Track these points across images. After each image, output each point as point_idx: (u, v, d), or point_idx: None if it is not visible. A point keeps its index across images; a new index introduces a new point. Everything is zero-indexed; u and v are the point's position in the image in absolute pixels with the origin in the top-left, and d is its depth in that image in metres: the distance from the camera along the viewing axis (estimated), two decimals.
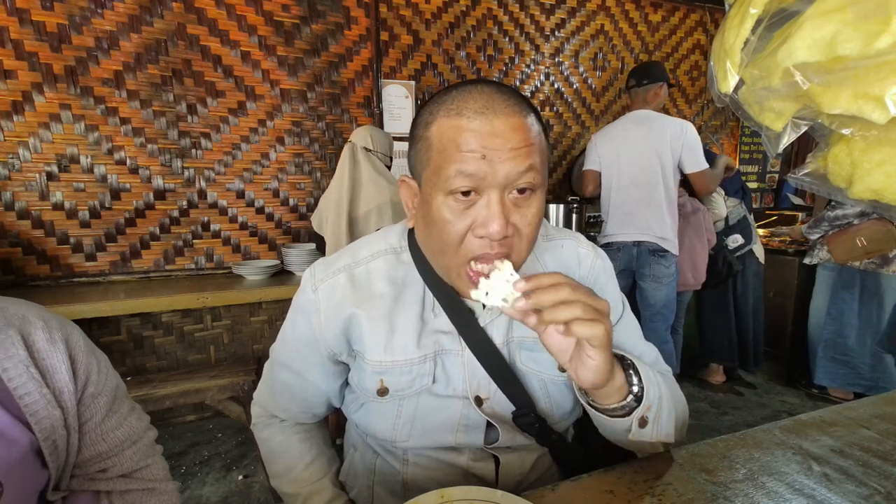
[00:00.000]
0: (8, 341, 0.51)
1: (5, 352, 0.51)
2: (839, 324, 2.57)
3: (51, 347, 0.54)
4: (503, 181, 0.55)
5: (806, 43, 0.46)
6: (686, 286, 2.69)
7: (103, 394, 0.60)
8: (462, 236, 0.58)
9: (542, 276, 0.54)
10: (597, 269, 0.76)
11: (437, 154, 0.57)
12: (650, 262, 2.37)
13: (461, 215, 0.57)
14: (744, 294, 2.87)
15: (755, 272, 2.86)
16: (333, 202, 1.88)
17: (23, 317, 0.54)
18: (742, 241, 2.75)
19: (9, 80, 2.02)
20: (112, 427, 0.61)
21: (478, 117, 0.55)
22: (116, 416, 0.62)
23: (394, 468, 0.74)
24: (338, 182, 1.89)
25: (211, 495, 1.90)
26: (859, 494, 0.61)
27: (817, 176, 0.60)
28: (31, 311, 0.55)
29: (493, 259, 0.58)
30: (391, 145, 2.06)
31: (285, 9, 2.42)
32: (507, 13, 2.94)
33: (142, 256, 2.34)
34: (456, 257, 0.60)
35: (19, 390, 0.51)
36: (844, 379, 2.58)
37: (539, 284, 0.53)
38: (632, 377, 0.62)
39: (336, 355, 0.71)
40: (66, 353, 0.55)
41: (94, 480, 0.61)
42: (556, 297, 0.52)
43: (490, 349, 0.69)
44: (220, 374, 2.03)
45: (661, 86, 2.31)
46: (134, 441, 0.63)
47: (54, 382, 0.54)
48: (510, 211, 0.57)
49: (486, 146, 0.54)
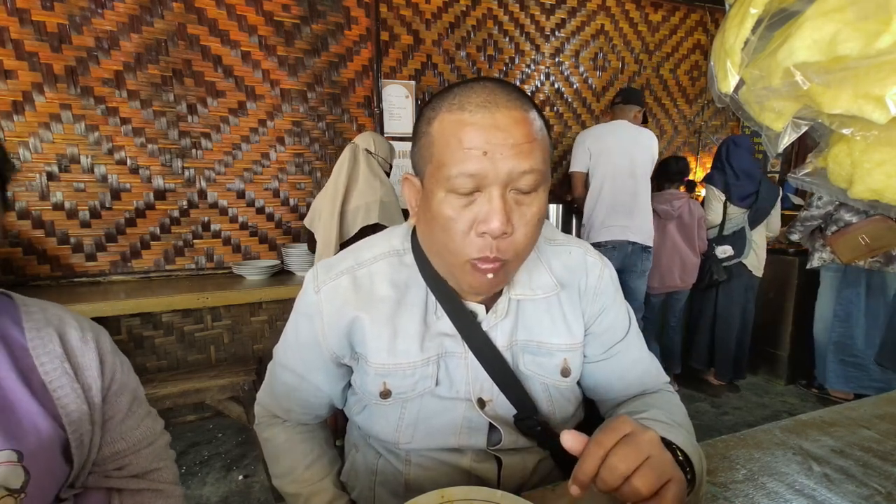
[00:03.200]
0: (47, 338, 0.56)
1: (44, 347, 0.55)
2: (847, 325, 2.55)
3: (83, 346, 0.59)
4: (505, 178, 0.55)
5: (806, 43, 0.46)
6: (674, 287, 2.71)
7: (125, 394, 0.63)
8: (464, 234, 0.57)
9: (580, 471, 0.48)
10: (605, 280, 0.75)
11: (439, 149, 0.57)
12: (641, 259, 2.46)
13: (462, 212, 0.57)
14: (727, 305, 2.81)
15: (747, 285, 2.78)
16: (329, 197, 1.90)
17: (60, 317, 0.59)
18: (731, 253, 2.70)
19: (9, 80, 2.02)
20: (131, 427, 0.63)
21: (480, 111, 0.54)
22: (135, 416, 0.64)
23: (396, 469, 0.74)
24: (334, 178, 1.91)
25: (211, 495, 1.90)
26: (859, 495, 0.61)
27: (817, 176, 0.60)
28: (66, 313, 0.61)
29: (491, 265, 0.57)
30: (392, 152, 2.08)
31: (285, 9, 2.42)
32: (507, 13, 2.93)
33: (142, 256, 2.34)
34: (457, 256, 0.59)
35: (54, 384, 0.55)
36: (857, 382, 2.55)
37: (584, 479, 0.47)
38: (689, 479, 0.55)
39: (339, 358, 0.71)
40: (96, 351, 0.60)
41: (108, 478, 0.63)
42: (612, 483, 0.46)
43: (492, 352, 0.69)
44: (220, 374, 2.03)
45: (641, 110, 2.55)
46: (150, 443, 0.66)
47: (84, 379, 0.58)
48: (511, 209, 0.57)
49: (488, 141, 0.54)
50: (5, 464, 0.48)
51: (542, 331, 0.71)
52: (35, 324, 0.56)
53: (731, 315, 2.81)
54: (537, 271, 0.72)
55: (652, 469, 0.47)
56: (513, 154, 0.54)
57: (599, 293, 0.74)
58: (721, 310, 2.83)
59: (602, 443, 0.48)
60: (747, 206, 2.67)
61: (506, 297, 0.70)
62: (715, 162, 2.79)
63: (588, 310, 0.74)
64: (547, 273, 0.72)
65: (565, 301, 0.73)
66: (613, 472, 0.46)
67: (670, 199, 2.66)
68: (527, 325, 0.71)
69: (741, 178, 2.64)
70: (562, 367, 0.72)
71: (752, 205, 2.65)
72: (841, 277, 2.56)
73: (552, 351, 0.72)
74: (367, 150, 1.95)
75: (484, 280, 0.60)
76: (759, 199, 2.64)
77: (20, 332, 0.55)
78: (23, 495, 0.49)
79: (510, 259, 0.59)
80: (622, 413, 0.70)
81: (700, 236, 2.70)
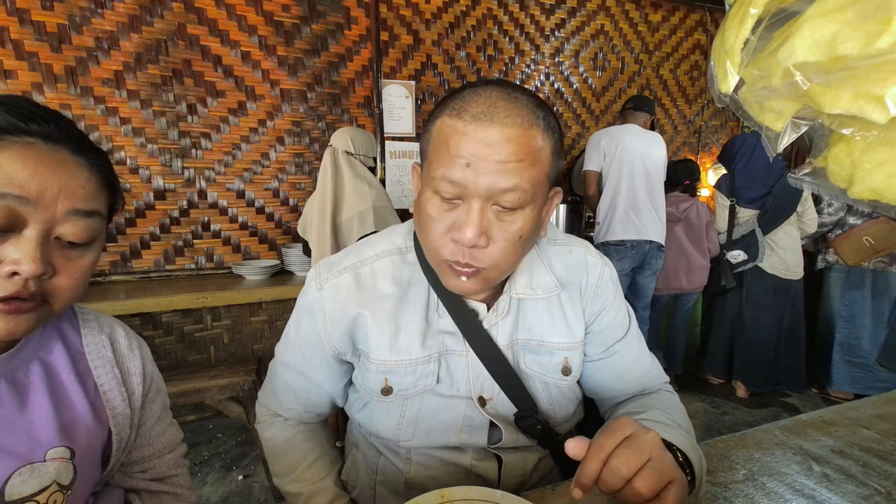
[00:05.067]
0: (100, 344, 0.60)
1: (97, 353, 0.59)
2: (851, 325, 2.54)
3: (130, 353, 0.63)
4: (485, 193, 0.55)
5: (806, 43, 0.46)
6: (679, 289, 2.69)
7: (157, 401, 0.67)
8: (441, 235, 0.58)
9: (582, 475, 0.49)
10: (605, 279, 0.75)
11: (432, 150, 0.58)
12: (655, 257, 2.48)
13: (444, 214, 0.58)
14: (754, 312, 2.62)
15: (777, 290, 2.57)
16: (317, 209, 1.87)
17: (111, 325, 0.63)
18: (744, 258, 2.59)
19: (9, 80, 2.01)
20: (159, 433, 0.67)
21: (473, 122, 0.54)
22: (162, 423, 0.68)
23: (396, 467, 0.74)
24: (321, 188, 1.87)
25: (211, 495, 1.90)
26: (859, 495, 0.61)
27: (817, 176, 0.60)
28: (116, 322, 0.65)
29: (465, 269, 0.58)
30: (373, 145, 2.01)
31: (285, 9, 2.42)
32: (507, 13, 2.93)
33: (142, 256, 2.34)
34: (434, 253, 0.61)
35: (105, 386, 0.58)
36: (863, 383, 2.53)
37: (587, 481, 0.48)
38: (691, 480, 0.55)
39: (341, 354, 0.71)
40: (140, 359, 0.64)
41: (132, 478, 0.66)
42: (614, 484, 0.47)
43: (493, 351, 0.69)
44: (220, 374, 2.03)
45: (650, 118, 2.55)
46: (171, 449, 0.69)
47: (129, 384, 0.62)
48: (490, 223, 0.56)
49: (473, 153, 0.54)
50: (60, 460, 0.51)
51: (543, 330, 0.72)
52: (90, 330, 0.60)
53: (760, 322, 2.61)
54: (538, 271, 0.72)
55: (653, 471, 0.47)
56: (496, 170, 0.54)
57: (600, 292, 0.75)
58: (747, 316, 2.65)
59: (603, 445, 0.48)
60: (757, 208, 2.56)
61: (507, 296, 0.70)
62: (724, 165, 2.74)
63: (588, 308, 0.74)
64: (548, 273, 0.73)
65: (566, 300, 0.73)
66: (615, 475, 0.46)
67: (676, 201, 2.64)
68: (527, 323, 0.72)
69: (748, 179, 2.55)
70: (562, 365, 0.73)
71: (763, 206, 2.54)
72: (845, 278, 2.55)
73: (553, 350, 0.72)
74: (347, 151, 1.88)
75: (459, 282, 0.61)
76: (775, 198, 2.50)
77: (78, 337, 0.59)
78: (69, 492, 0.51)
79: (486, 267, 0.59)
80: (622, 413, 0.70)
81: (710, 238, 2.66)
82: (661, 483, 0.47)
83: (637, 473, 0.46)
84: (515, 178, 0.54)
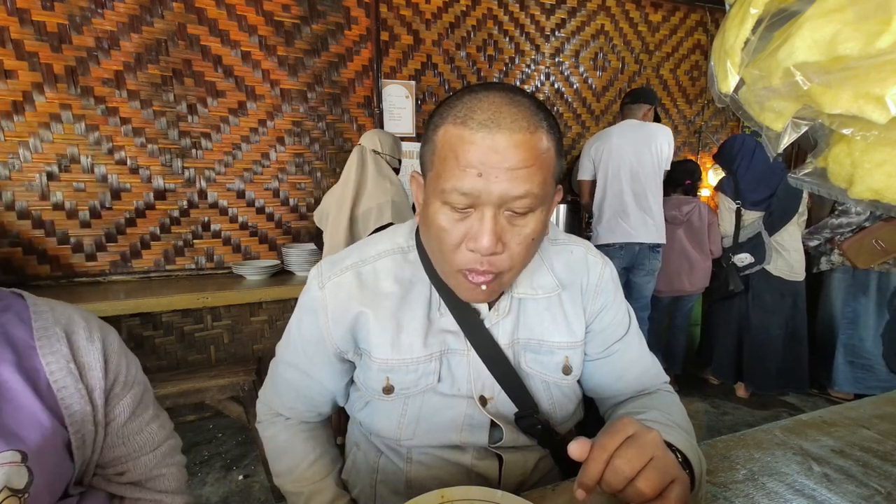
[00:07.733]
0: (54, 338, 0.56)
1: (50, 347, 0.55)
2: (855, 326, 2.54)
3: (89, 346, 0.59)
4: (498, 200, 0.55)
5: (806, 43, 0.46)
6: (682, 290, 2.68)
7: (128, 396, 0.63)
8: (455, 246, 0.58)
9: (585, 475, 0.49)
10: (605, 278, 0.76)
11: (439, 160, 0.57)
12: (649, 258, 2.45)
13: (456, 224, 0.57)
14: (761, 316, 2.60)
15: (783, 292, 2.56)
16: (336, 199, 1.90)
17: (69, 316, 0.59)
18: (751, 260, 2.56)
19: (9, 80, 2.01)
20: (133, 431, 0.63)
21: (481, 129, 0.54)
22: (138, 420, 0.64)
23: (397, 466, 0.74)
24: (344, 180, 1.92)
25: (211, 495, 1.90)
26: (859, 495, 0.61)
27: (817, 176, 0.60)
28: (76, 313, 0.60)
29: (483, 277, 0.58)
30: (399, 148, 2.07)
31: (285, 9, 2.42)
32: (507, 13, 2.93)
33: (142, 256, 2.34)
34: (449, 264, 0.60)
35: (59, 383, 0.55)
36: (865, 383, 2.53)
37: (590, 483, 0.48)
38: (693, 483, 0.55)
39: (342, 353, 0.71)
40: (101, 352, 0.59)
41: (109, 482, 0.63)
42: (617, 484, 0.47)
43: (494, 350, 0.69)
44: (220, 374, 2.03)
45: (651, 108, 2.48)
46: (152, 448, 0.65)
47: (88, 379, 0.58)
48: (504, 229, 0.57)
49: (484, 162, 0.53)
50: (9, 464, 0.49)
51: (544, 329, 0.72)
52: (43, 323, 0.56)
53: (767, 326, 2.59)
54: (539, 271, 0.72)
55: (656, 470, 0.47)
56: (507, 178, 0.54)
57: (600, 291, 0.75)
58: (755, 320, 2.63)
59: (606, 446, 0.48)
60: (762, 210, 2.54)
61: (508, 296, 0.70)
62: (723, 167, 2.73)
63: (589, 307, 0.74)
64: (549, 273, 0.73)
65: (566, 299, 0.73)
66: (618, 475, 0.46)
67: (678, 204, 2.62)
68: (528, 323, 0.72)
69: (751, 181, 2.53)
70: (563, 365, 0.73)
71: (768, 208, 2.52)
72: (851, 279, 2.54)
73: (553, 349, 0.72)
74: (374, 150, 1.95)
75: (478, 291, 0.61)
76: (779, 200, 2.48)
77: (28, 331, 0.55)
78: (26, 495, 0.49)
79: (504, 270, 0.59)
80: (622, 414, 0.70)
81: (713, 240, 2.64)
82: (664, 482, 0.47)
83: (640, 473, 0.47)
84: (527, 185, 0.54)
